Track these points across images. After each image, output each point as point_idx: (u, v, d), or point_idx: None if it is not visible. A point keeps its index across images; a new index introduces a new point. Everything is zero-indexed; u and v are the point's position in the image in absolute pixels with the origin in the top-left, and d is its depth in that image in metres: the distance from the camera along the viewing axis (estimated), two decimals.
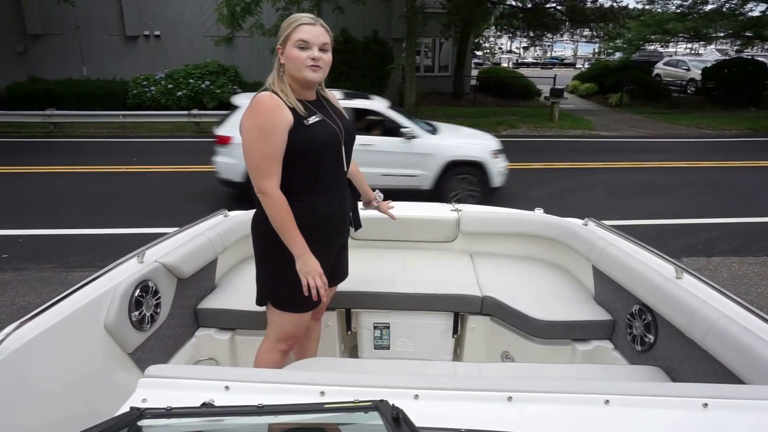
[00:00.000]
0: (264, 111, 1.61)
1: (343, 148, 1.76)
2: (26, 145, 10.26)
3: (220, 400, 1.05)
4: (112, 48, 14.66)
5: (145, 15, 14.56)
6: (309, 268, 1.68)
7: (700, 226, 5.77)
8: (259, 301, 1.86)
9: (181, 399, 1.07)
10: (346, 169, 1.83)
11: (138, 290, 1.82)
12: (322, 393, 1.09)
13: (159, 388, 1.12)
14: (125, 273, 1.83)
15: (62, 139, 10.79)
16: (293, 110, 1.63)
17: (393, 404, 0.90)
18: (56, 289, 4.12)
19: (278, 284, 1.78)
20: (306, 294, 1.71)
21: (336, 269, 1.96)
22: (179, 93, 13.01)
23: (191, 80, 13.11)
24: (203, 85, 13.05)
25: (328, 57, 1.69)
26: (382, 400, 0.94)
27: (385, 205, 2.23)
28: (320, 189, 1.72)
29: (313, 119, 1.67)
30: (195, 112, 11.63)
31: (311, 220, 1.73)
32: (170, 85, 13.05)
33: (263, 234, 1.76)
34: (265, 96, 1.63)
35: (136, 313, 1.80)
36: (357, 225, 2.07)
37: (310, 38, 1.63)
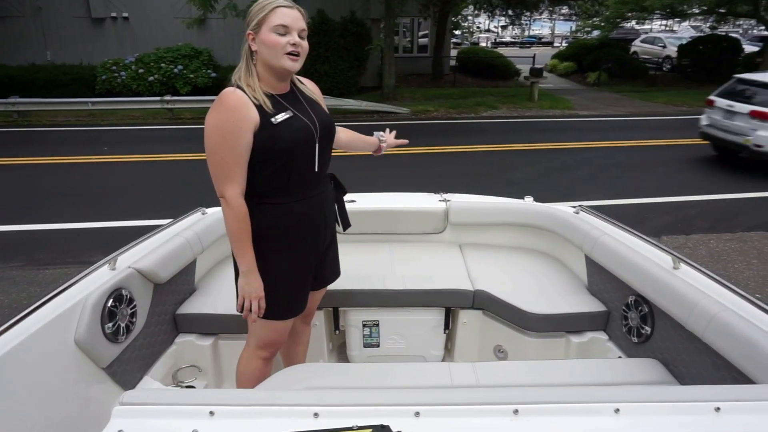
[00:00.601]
0: (226, 110, 1.46)
1: (317, 144, 1.62)
2: None
3: (205, 428, 0.97)
4: (77, 31, 13.99)
5: None
6: (251, 289, 1.59)
7: (679, 203, 5.84)
8: (240, 307, 1.77)
9: (161, 429, 0.99)
10: (324, 166, 1.69)
11: (111, 300, 1.70)
12: (316, 414, 1.01)
13: (136, 416, 1.02)
14: (96, 282, 1.71)
15: (27, 129, 10.35)
16: (259, 107, 1.49)
17: None
18: (25, 289, 3.95)
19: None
20: (239, 311, 1.63)
21: (322, 272, 1.85)
22: (151, 78, 12.58)
23: (163, 64, 12.68)
24: (176, 70, 12.64)
25: (306, 45, 1.55)
26: (383, 426, 0.87)
27: (393, 138, 2.10)
28: (295, 189, 1.60)
29: (282, 116, 1.53)
30: (168, 98, 11.25)
31: (287, 224, 1.62)
32: (141, 70, 12.61)
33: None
34: (228, 93, 1.49)
35: (110, 324, 1.69)
36: (345, 224, 1.94)
37: (289, 22, 1.49)
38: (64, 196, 6.18)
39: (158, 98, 11.30)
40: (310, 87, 1.74)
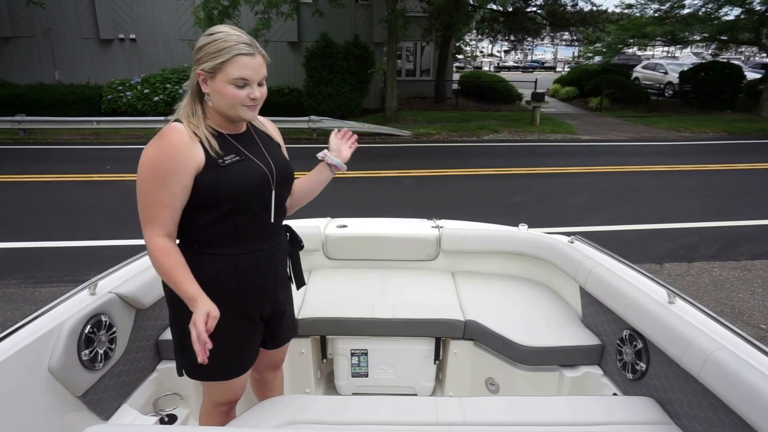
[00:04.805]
0: (165, 147, 1.30)
1: (273, 192, 1.45)
2: None
3: None
4: (85, 52, 14.27)
5: (119, 18, 14.21)
6: (205, 309, 1.32)
7: (681, 230, 5.76)
8: (178, 370, 1.55)
9: None
10: (281, 216, 1.51)
11: (89, 326, 1.66)
12: None
13: None
14: (74, 308, 1.67)
15: (32, 146, 10.43)
16: (204, 147, 1.34)
17: None
18: (21, 307, 3.91)
19: (189, 350, 1.46)
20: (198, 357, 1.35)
21: (279, 332, 1.68)
22: (156, 98, 12.73)
23: (168, 85, 12.85)
24: (181, 90, 12.72)
25: (265, 90, 1.39)
26: None
27: (346, 140, 1.66)
28: (242, 240, 1.42)
29: (230, 158, 1.37)
30: (172, 117, 11.34)
31: (230, 280, 1.43)
32: (146, 90, 12.77)
33: (167, 289, 1.46)
34: (171, 128, 1.33)
35: (87, 351, 1.64)
36: (299, 282, 1.71)
37: (251, 75, 1.32)
38: (66, 213, 6.18)
39: (162, 118, 11.38)
40: (268, 127, 1.58)
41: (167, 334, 2.07)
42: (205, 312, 1.28)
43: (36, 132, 11.25)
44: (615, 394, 1.86)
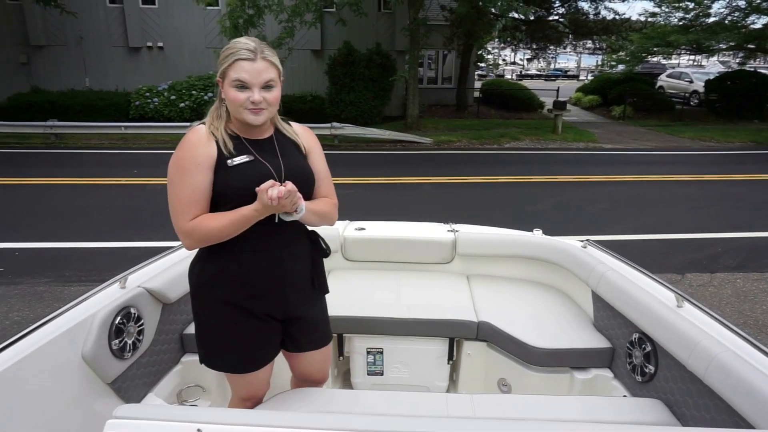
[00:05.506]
0: (186, 146, 1.41)
1: None
2: (27, 156, 10.27)
3: None
4: (115, 59, 14.77)
5: (148, 26, 14.67)
6: (260, 203, 1.36)
7: (705, 240, 5.67)
8: (200, 358, 1.63)
9: None
10: (288, 222, 1.49)
11: (119, 317, 1.75)
12: None
13: (128, 430, 1.05)
14: (106, 300, 1.77)
15: (63, 151, 10.80)
16: (219, 147, 1.43)
17: None
18: (51, 305, 4.06)
19: (206, 342, 1.58)
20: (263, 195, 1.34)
21: (293, 335, 1.66)
22: (182, 104, 13.06)
23: (194, 92, 13.17)
24: (206, 97, 13.10)
25: (273, 95, 1.43)
26: None
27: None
28: (244, 239, 1.44)
29: (239, 160, 1.43)
30: (196, 123, 11.55)
31: (235, 274, 1.48)
32: (173, 97, 13.11)
33: (191, 283, 1.55)
34: (191, 129, 1.46)
35: (117, 341, 1.74)
36: (322, 288, 1.70)
37: (248, 78, 1.38)
38: (94, 215, 6.38)
39: (188, 124, 11.59)
40: (301, 135, 1.60)
41: (191, 329, 2.15)
42: (261, 195, 1.33)
43: (66, 137, 11.64)
44: (624, 397, 1.88)
